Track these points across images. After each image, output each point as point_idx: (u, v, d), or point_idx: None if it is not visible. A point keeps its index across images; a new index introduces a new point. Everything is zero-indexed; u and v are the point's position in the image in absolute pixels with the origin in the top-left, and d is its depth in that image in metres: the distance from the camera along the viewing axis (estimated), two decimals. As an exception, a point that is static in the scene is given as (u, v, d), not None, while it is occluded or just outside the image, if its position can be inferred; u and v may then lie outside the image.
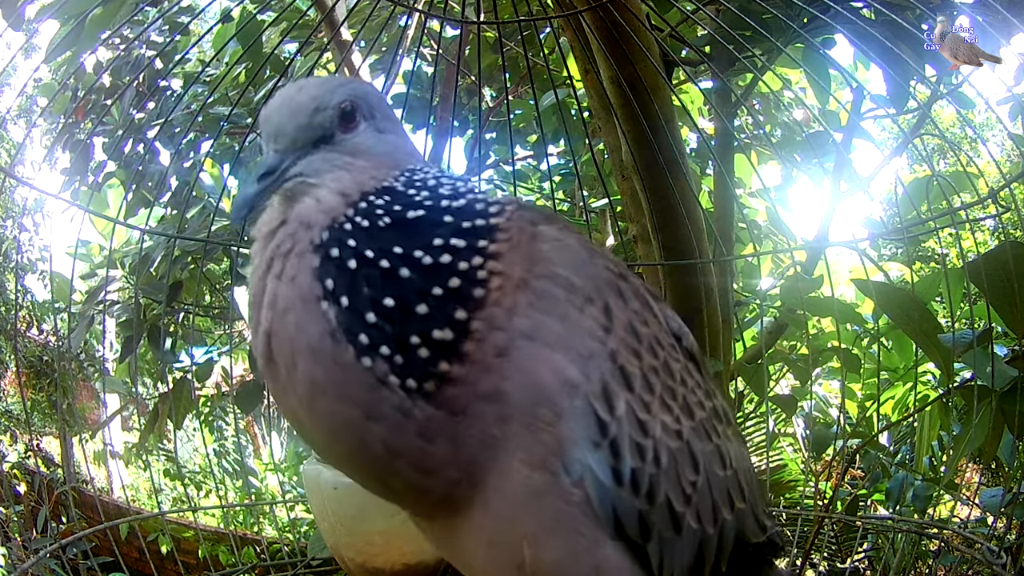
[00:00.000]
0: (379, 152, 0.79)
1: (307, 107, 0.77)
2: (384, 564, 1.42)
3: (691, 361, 0.84)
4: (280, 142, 0.77)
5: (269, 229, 0.74)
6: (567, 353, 0.70)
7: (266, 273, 0.72)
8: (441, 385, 0.67)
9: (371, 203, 0.73)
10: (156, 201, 3.38)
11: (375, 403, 0.66)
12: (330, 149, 0.77)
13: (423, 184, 0.76)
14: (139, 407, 3.85)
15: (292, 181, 0.75)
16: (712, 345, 2.31)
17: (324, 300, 0.67)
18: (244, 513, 4.80)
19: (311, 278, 0.69)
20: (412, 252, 0.69)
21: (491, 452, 0.68)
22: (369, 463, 0.71)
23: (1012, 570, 1.55)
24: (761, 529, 0.86)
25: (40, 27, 2.48)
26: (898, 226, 1.89)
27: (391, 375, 0.66)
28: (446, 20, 2.50)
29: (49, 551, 1.62)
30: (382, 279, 0.67)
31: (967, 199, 1.73)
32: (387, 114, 0.83)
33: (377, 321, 0.66)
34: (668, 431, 0.74)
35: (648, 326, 0.77)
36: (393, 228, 0.71)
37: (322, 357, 0.67)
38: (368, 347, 0.66)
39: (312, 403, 0.68)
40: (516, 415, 0.68)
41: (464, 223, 0.72)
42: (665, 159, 2.06)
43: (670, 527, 0.73)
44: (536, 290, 0.71)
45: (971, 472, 3.43)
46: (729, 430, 0.85)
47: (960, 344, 1.68)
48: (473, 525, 0.73)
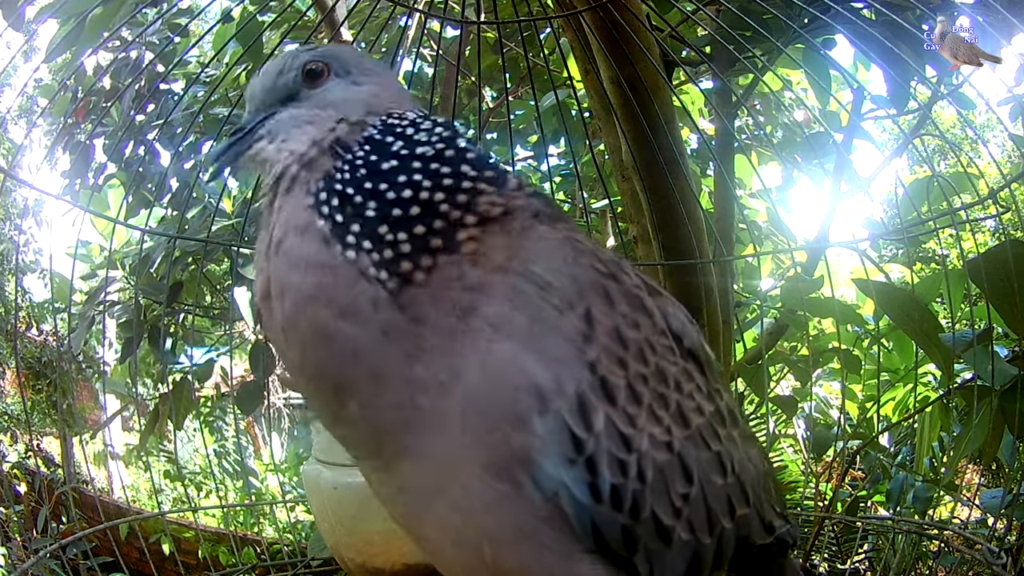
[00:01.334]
0: (351, 101, 0.83)
1: (272, 72, 0.86)
2: (384, 564, 1.42)
3: (693, 362, 0.80)
4: (251, 104, 0.87)
5: (272, 181, 0.80)
6: (536, 355, 0.68)
7: (269, 215, 0.79)
8: (405, 284, 0.70)
9: (353, 144, 0.79)
10: (156, 202, 3.38)
11: (353, 298, 0.70)
12: (296, 105, 0.84)
13: (402, 128, 0.80)
14: (139, 408, 3.85)
15: (263, 139, 0.83)
16: (712, 346, 2.31)
17: (319, 219, 0.74)
18: (244, 513, 4.81)
19: (307, 209, 0.75)
20: (396, 178, 0.75)
21: (443, 410, 0.68)
22: (334, 373, 0.72)
23: (1012, 571, 1.55)
24: (768, 530, 0.84)
25: (40, 28, 2.48)
26: (898, 227, 1.89)
27: (371, 267, 0.71)
28: (446, 20, 2.51)
29: (49, 551, 1.62)
30: (370, 194, 0.74)
31: (967, 200, 1.73)
32: (367, 69, 0.87)
33: (362, 225, 0.73)
34: (656, 444, 0.71)
35: (639, 329, 0.74)
36: (373, 165, 0.77)
37: (312, 263, 0.72)
38: (354, 244, 0.72)
39: (296, 314, 0.72)
40: (471, 401, 0.67)
41: (444, 168, 0.76)
42: (665, 159, 2.06)
43: (658, 540, 0.71)
44: (509, 285, 0.70)
45: (971, 473, 3.43)
46: (735, 432, 0.82)
47: (960, 344, 1.68)
48: (436, 516, 0.72)
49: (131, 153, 3.62)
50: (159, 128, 3.34)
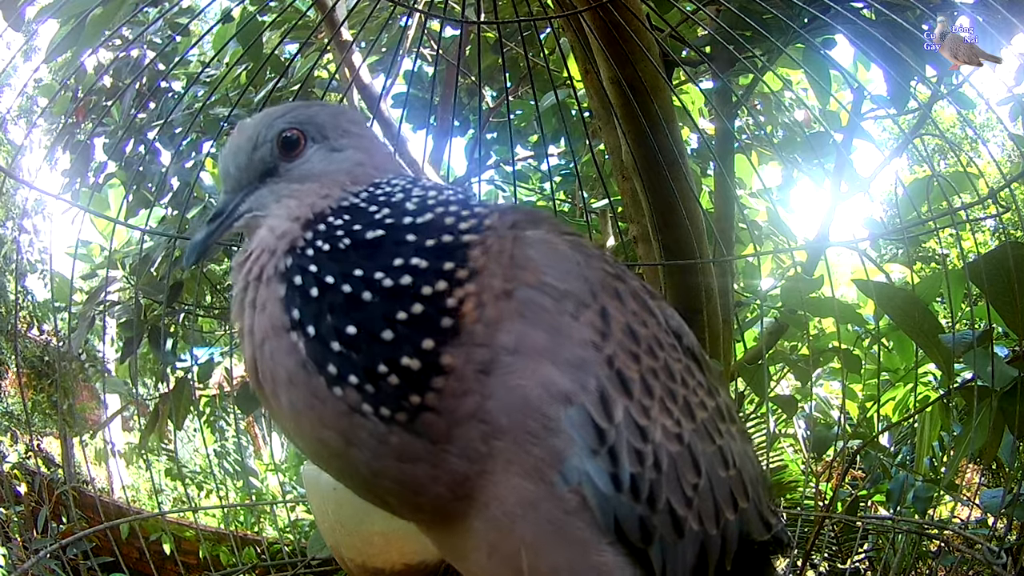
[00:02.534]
0: (332, 171, 0.78)
1: (245, 147, 0.79)
2: (384, 564, 1.42)
3: (692, 360, 0.83)
4: (227, 184, 0.80)
5: (240, 260, 0.75)
6: (557, 363, 0.68)
7: (242, 302, 0.73)
8: (416, 415, 0.66)
9: (330, 224, 0.72)
10: (157, 202, 3.38)
11: (351, 430, 0.67)
12: (276, 181, 0.78)
13: (387, 199, 0.74)
14: (139, 408, 3.85)
15: (242, 219, 0.78)
16: (712, 346, 2.31)
17: (293, 331, 0.67)
18: (245, 513, 4.81)
19: (279, 308, 0.69)
20: (373, 274, 0.67)
21: (480, 467, 0.68)
22: (357, 481, 0.72)
23: (1012, 570, 1.55)
24: (766, 527, 0.85)
25: (40, 28, 2.48)
26: (898, 226, 1.89)
27: (363, 403, 0.65)
28: (446, 20, 2.51)
29: (49, 551, 1.62)
30: (345, 305, 0.66)
31: (967, 199, 1.73)
32: (346, 130, 0.81)
33: (343, 350, 0.65)
34: (668, 435, 0.73)
35: (647, 327, 0.76)
36: (354, 249, 0.69)
37: (298, 386, 0.67)
38: (337, 377, 0.65)
39: (297, 426, 0.70)
40: (503, 432, 0.67)
41: (428, 241, 0.69)
42: (665, 159, 2.06)
43: (672, 530, 0.73)
44: (522, 300, 0.69)
45: (971, 473, 3.43)
46: (733, 428, 0.84)
47: (960, 344, 1.67)
48: (472, 533, 0.73)
49: (131, 152, 3.62)
50: (160, 127, 3.34)
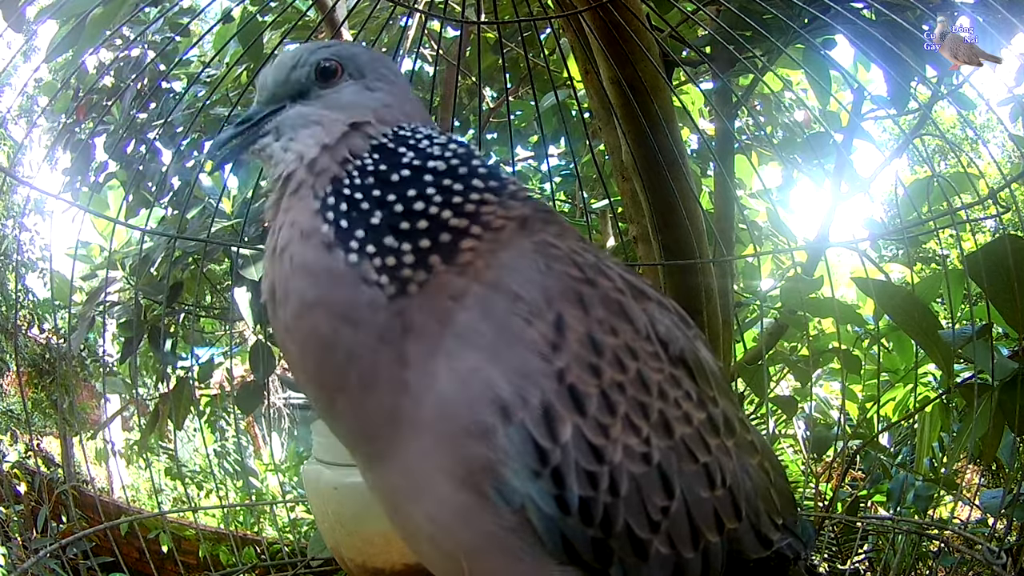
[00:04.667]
0: (361, 105, 0.82)
1: (287, 64, 0.83)
2: (384, 564, 1.41)
3: (681, 368, 0.76)
4: (262, 95, 0.84)
5: (278, 181, 0.79)
6: (499, 367, 0.67)
7: (275, 216, 0.78)
8: (402, 291, 0.71)
9: (362, 159, 0.78)
10: (156, 202, 3.39)
11: (353, 302, 0.71)
12: (307, 103, 0.83)
13: (415, 144, 0.79)
14: (139, 408, 3.85)
15: (269, 134, 0.82)
16: (713, 346, 2.30)
17: (324, 224, 0.73)
18: (244, 513, 4.81)
19: (311, 214, 0.75)
20: (405, 192, 0.75)
21: (396, 420, 0.70)
22: (329, 373, 0.74)
23: (1012, 571, 1.55)
24: (764, 544, 0.79)
25: (40, 27, 2.48)
26: (898, 227, 1.89)
27: (372, 272, 0.71)
28: (446, 20, 2.51)
29: (49, 551, 1.62)
30: (377, 203, 0.74)
31: (967, 200, 1.73)
32: (382, 75, 0.85)
33: (365, 233, 0.73)
34: (632, 455, 0.68)
35: (616, 335, 0.71)
36: (380, 186, 0.76)
37: (315, 270, 0.72)
38: (357, 249, 0.72)
39: (298, 318, 0.73)
40: (439, 410, 0.68)
41: (452, 181, 0.76)
42: (665, 160, 2.06)
43: (633, 554, 0.69)
44: (484, 295, 0.70)
45: (971, 473, 3.43)
46: (730, 441, 0.78)
47: (960, 338, 1.68)
48: (414, 521, 0.74)
49: (132, 152, 3.62)
50: (160, 127, 3.34)
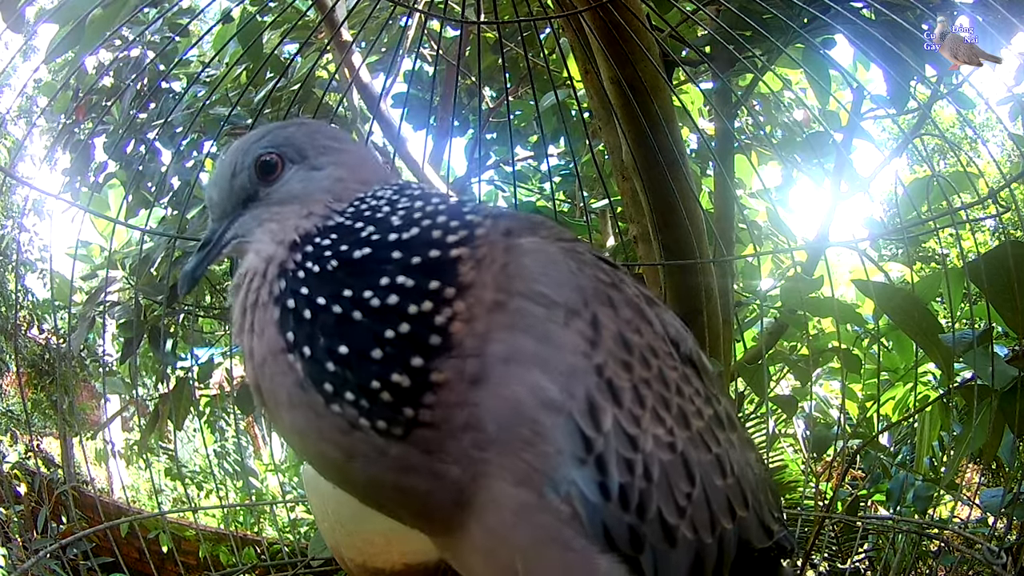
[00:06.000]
0: (312, 191, 0.79)
1: (225, 174, 0.82)
2: (384, 564, 1.41)
3: (690, 368, 0.82)
4: (213, 212, 0.83)
5: (236, 284, 0.77)
6: (547, 372, 0.69)
7: (241, 326, 0.75)
8: (411, 428, 0.67)
9: (317, 245, 0.73)
10: (156, 202, 3.39)
11: (351, 444, 0.68)
12: (257, 206, 0.80)
13: (372, 215, 0.74)
14: (139, 408, 3.85)
15: (229, 245, 0.80)
16: (712, 346, 2.31)
17: (289, 352, 0.69)
18: (244, 513, 4.81)
19: (275, 331, 0.71)
20: (362, 294, 0.68)
21: (473, 473, 0.69)
22: (359, 491, 0.75)
23: (1012, 570, 1.55)
24: (767, 535, 0.84)
25: (39, 28, 2.48)
26: (898, 226, 1.89)
27: (360, 419, 0.67)
28: (446, 20, 2.51)
29: (49, 551, 1.62)
30: (336, 326, 0.68)
31: (967, 199, 1.73)
32: (325, 147, 0.82)
33: (337, 369, 0.67)
34: (660, 444, 0.73)
35: (641, 335, 0.76)
36: (342, 269, 0.71)
37: (298, 405, 0.70)
38: (334, 394, 0.67)
39: (301, 442, 0.72)
40: (494, 440, 0.68)
41: (414, 259, 0.70)
42: (665, 159, 2.06)
43: (663, 539, 0.72)
44: (512, 310, 0.70)
45: (971, 472, 3.44)
46: (733, 436, 0.83)
47: (960, 344, 1.68)
48: (470, 537, 0.74)
49: (132, 152, 3.62)
50: (160, 127, 3.34)
